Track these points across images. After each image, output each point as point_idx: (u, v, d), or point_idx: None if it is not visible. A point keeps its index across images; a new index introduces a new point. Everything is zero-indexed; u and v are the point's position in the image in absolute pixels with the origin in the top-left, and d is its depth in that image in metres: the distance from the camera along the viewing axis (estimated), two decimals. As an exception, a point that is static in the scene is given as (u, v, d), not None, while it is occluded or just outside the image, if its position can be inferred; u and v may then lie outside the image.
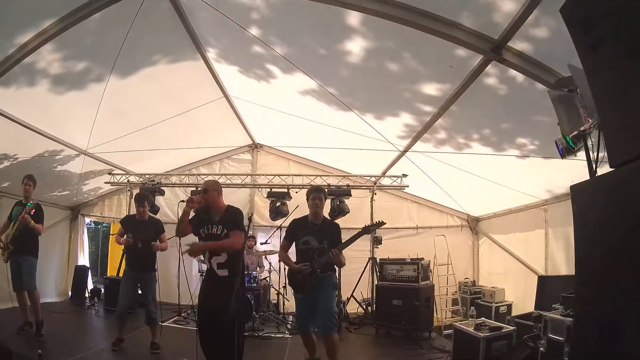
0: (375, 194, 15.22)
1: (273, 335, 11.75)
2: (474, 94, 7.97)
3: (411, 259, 12.52)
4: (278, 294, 14.00)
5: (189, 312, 13.87)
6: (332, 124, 12.06)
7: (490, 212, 15.06)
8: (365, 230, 8.17)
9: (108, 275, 16.94)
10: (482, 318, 9.44)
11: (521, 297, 12.51)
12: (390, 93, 9.59)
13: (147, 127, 12.94)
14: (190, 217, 7.16)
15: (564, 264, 10.98)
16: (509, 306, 12.78)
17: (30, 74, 9.39)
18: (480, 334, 8.09)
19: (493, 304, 12.79)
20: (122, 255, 14.28)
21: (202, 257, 8.20)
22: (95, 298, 15.35)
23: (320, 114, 11.76)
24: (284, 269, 10.35)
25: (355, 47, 8.03)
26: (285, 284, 12.23)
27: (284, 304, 13.82)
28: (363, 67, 8.69)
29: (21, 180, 10.30)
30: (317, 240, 7.98)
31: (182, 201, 7.20)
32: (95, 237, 20.52)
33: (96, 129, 12.32)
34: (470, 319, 9.07)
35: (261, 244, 14.75)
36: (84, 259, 17.63)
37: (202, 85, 11.99)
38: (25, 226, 9.70)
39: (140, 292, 10.05)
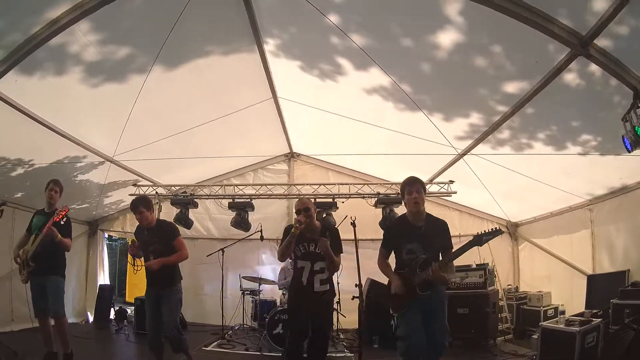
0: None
1: (334, 355, 10.18)
2: (551, 92, 7.25)
3: (477, 265, 11.55)
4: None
5: (230, 333, 12.11)
6: (389, 127, 10.56)
7: (529, 217, 13.78)
8: (478, 239, 5.79)
9: (127, 296, 15.65)
10: (566, 316, 8.84)
11: (569, 299, 11.52)
12: (467, 91, 8.54)
13: (182, 131, 11.07)
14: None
15: (608, 263, 10.22)
16: (556, 309, 11.60)
17: (60, 58, 7.54)
18: (575, 328, 7.47)
19: (541, 307, 11.55)
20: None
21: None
22: (125, 321, 13.19)
23: (379, 116, 10.33)
24: (337, 283, 9.08)
25: (446, 39, 7.05)
26: (338, 298, 10.50)
27: (338, 319, 11.87)
28: (447, 62, 7.59)
29: (37, 190, 8.79)
30: (423, 247, 6.01)
31: (289, 227, 6.68)
32: (111, 253, 17.70)
33: (126, 132, 10.36)
34: (560, 317, 8.67)
35: None
36: (104, 278, 15.37)
37: (250, 84, 10.25)
38: (51, 240, 7.63)
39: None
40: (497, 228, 5.95)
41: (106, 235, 16.11)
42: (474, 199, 14.06)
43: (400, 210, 11.10)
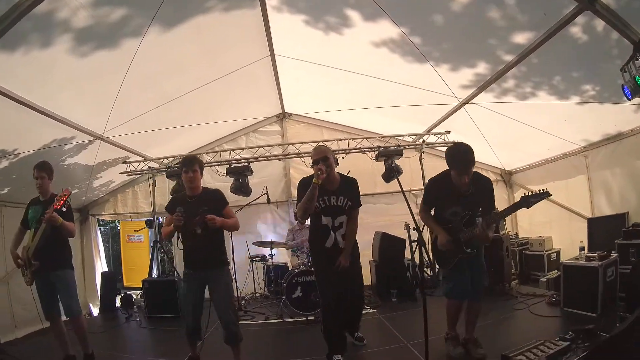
0: (424, 152, 13.05)
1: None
2: (556, 43, 7.15)
3: None
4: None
5: (243, 303, 11.29)
6: (392, 80, 10.00)
7: (524, 165, 13.69)
8: (524, 201, 5.57)
9: (124, 281, 14.58)
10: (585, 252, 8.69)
11: (569, 243, 11.44)
12: (476, 42, 8.17)
13: (175, 98, 10.06)
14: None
15: (606, 206, 10.33)
16: (558, 253, 11.86)
17: (47, 28, 6.51)
18: (596, 263, 7.56)
19: (544, 252, 11.79)
20: (152, 257, 12.29)
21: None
22: (135, 307, 11.99)
23: (382, 70, 9.75)
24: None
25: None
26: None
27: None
28: (461, 14, 7.26)
29: (24, 182, 7.68)
30: (467, 209, 5.90)
31: (305, 180, 6.21)
32: (103, 239, 16.44)
33: (117, 105, 9.27)
34: (580, 252, 8.65)
35: None
36: (102, 265, 13.98)
37: (247, 43, 9.54)
38: (52, 230, 6.42)
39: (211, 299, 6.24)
40: (545, 190, 5.61)
41: (98, 221, 14.64)
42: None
43: (401, 162, 12.31)
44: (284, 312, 9.64)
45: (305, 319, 8.99)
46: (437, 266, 7.09)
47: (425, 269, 10.36)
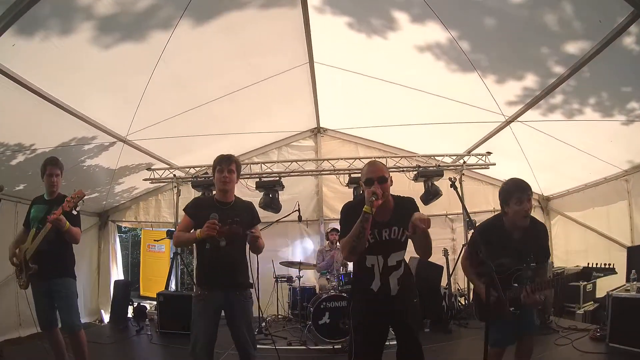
0: (464, 174, 12.09)
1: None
2: (609, 54, 6.59)
3: None
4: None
5: (264, 325, 10.12)
6: (434, 92, 9.39)
7: (563, 190, 12.81)
8: (587, 274, 5.81)
9: (141, 290, 13.82)
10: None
11: None
12: (527, 50, 7.54)
13: (204, 103, 9.41)
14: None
15: None
16: (594, 284, 10.53)
17: (67, 13, 5.99)
18: None
19: (580, 283, 10.27)
20: (171, 268, 11.44)
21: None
22: (147, 320, 11.19)
23: (424, 81, 9.16)
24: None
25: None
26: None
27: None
28: (514, 17, 6.77)
29: (40, 180, 6.19)
30: (517, 260, 4.79)
31: (351, 204, 4.61)
32: (123, 246, 16.06)
33: (142, 106, 8.62)
34: (632, 283, 7.86)
35: None
36: (118, 273, 13.44)
37: (286, 45, 8.86)
38: (56, 233, 5.59)
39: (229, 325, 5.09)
40: (612, 266, 5.30)
41: (117, 227, 14.11)
42: (507, 172, 11.96)
43: (440, 183, 11.29)
44: (308, 338, 8.82)
45: (332, 347, 8.25)
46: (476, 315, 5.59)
47: (459, 297, 11.07)
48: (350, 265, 8.43)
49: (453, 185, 4.80)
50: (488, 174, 12.87)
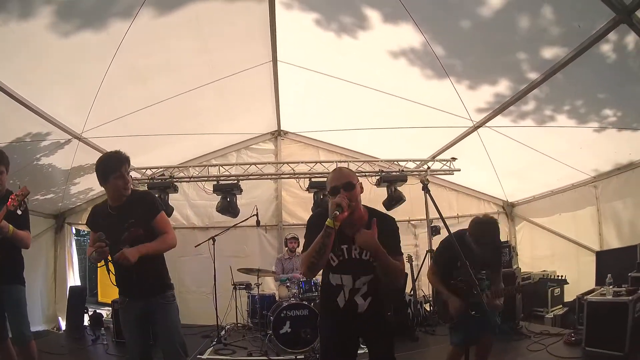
0: (428, 180, 11.12)
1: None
2: (585, 61, 6.75)
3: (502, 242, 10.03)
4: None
5: (223, 334, 9.93)
6: (406, 97, 9.29)
7: (528, 196, 13.14)
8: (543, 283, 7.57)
9: (99, 295, 13.41)
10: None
11: (575, 277, 10.37)
12: (501, 55, 7.65)
13: (163, 100, 8.98)
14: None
15: (615, 239, 9.97)
16: (562, 288, 10.88)
17: None
18: (626, 298, 7.08)
19: (548, 287, 10.56)
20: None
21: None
22: (102, 329, 10.31)
23: (398, 84, 9.00)
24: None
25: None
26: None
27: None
28: (489, 21, 6.69)
29: None
30: (477, 268, 5.33)
31: (316, 216, 4.18)
32: (80, 250, 15.41)
33: (98, 101, 8.10)
34: (608, 287, 7.69)
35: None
36: (74, 278, 12.62)
37: (250, 42, 8.56)
38: (3, 237, 4.92)
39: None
40: (564, 277, 7.23)
41: (74, 230, 13.40)
42: (472, 178, 13.06)
43: (404, 189, 11.27)
44: (269, 348, 8.57)
45: (294, 357, 8.10)
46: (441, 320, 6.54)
47: (424, 304, 11.03)
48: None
49: (425, 188, 4.85)
50: (452, 179, 12.81)
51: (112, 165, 4.53)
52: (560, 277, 9.23)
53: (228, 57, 8.79)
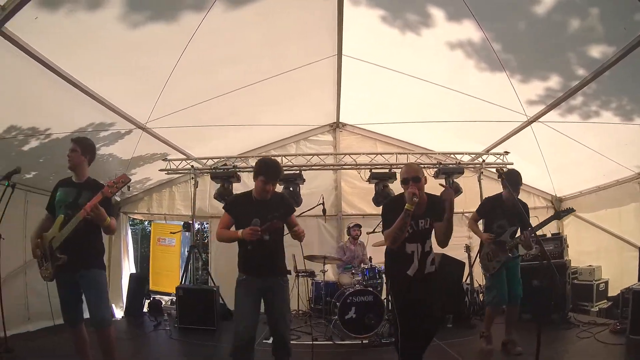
0: (503, 170, 10.49)
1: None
2: (633, 60, 6.56)
3: (552, 234, 11.25)
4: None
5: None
6: (460, 90, 9.19)
7: (575, 191, 12.73)
8: (557, 215, 7.39)
9: (150, 284, 12.75)
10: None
11: (618, 273, 10.83)
12: (554, 53, 7.54)
13: (228, 92, 8.93)
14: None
15: None
16: (606, 283, 10.93)
17: None
18: None
19: (593, 281, 10.73)
20: (187, 263, 11.23)
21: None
22: (166, 314, 10.79)
23: (453, 79, 8.98)
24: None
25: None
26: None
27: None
28: (544, 20, 6.69)
29: (52, 169, 7.11)
30: (510, 223, 6.93)
31: (391, 202, 5.50)
32: (134, 238, 15.71)
33: (166, 91, 8.06)
34: None
35: (368, 233, 10.69)
36: (129, 266, 12.72)
37: (316, 36, 8.49)
38: (88, 222, 4.98)
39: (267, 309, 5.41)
40: (571, 207, 7.40)
41: (130, 219, 13.55)
42: (522, 172, 12.32)
43: (461, 180, 11.28)
44: (334, 333, 8.58)
45: (360, 342, 8.04)
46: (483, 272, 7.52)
47: (480, 293, 10.89)
48: (374, 261, 10.03)
49: (501, 176, 6.14)
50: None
51: (278, 173, 5.36)
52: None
53: (294, 51, 8.67)
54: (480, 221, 7.48)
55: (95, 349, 5.37)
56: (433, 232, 5.19)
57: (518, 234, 7.00)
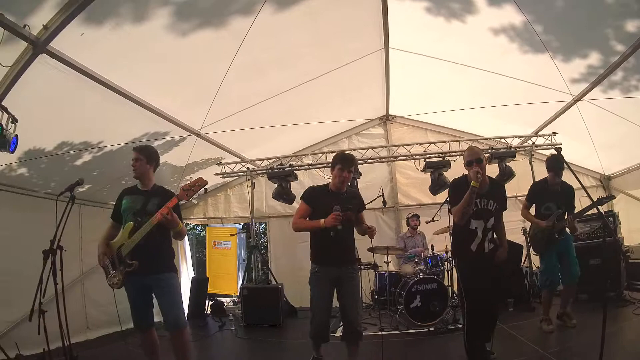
0: (561, 148, 10.45)
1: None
2: None
3: (605, 212, 10.66)
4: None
5: None
6: (506, 73, 9.03)
7: (623, 168, 12.33)
8: (598, 202, 7.12)
9: (208, 288, 12.43)
10: None
11: None
12: (591, 29, 7.43)
13: (280, 93, 8.94)
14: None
15: None
16: None
17: None
18: None
19: None
20: (248, 263, 11.58)
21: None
22: (231, 314, 10.73)
23: (498, 61, 8.75)
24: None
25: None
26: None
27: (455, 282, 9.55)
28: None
29: (105, 181, 7.48)
30: (557, 206, 7.30)
31: (459, 181, 5.82)
32: (190, 243, 15.76)
33: (218, 96, 8.09)
34: None
35: (427, 222, 10.66)
36: (187, 270, 12.95)
37: (362, 32, 8.45)
38: (159, 228, 5.09)
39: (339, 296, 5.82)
40: (612, 194, 8.22)
41: (186, 224, 13.50)
42: (570, 151, 11.62)
43: (513, 164, 11.09)
44: (400, 323, 8.62)
45: (426, 330, 8.10)
46: (533, 253, 8.34)
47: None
48: (435, 249, 10.28)
49: (559, 155, 6.39)
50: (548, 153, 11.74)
51: (352, 161, 5.79)
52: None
53: (341, 48, 8.64)
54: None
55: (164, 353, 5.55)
56: (493, 214, 5.62)
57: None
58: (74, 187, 5.41)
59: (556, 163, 7.29)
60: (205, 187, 5.48)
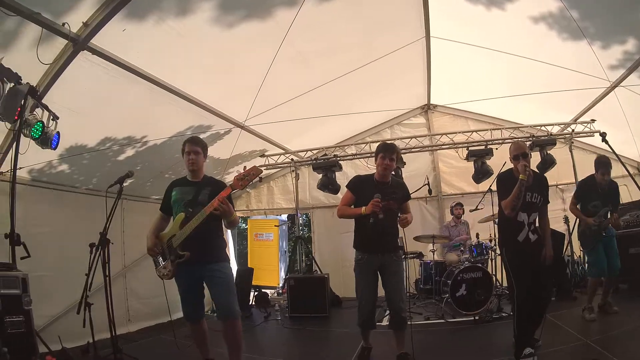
0: (605, 133, 10.29)
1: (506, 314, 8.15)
2: None
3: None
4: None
5: None
6: (545, 60, 8.94)
7: None
8: None
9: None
10: None
11: None
12: (626, 14, 7.26)
13: (323, 84, 8.96)
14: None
15: None
16: None
17: None
18: None
19: None
20: (292, 254, 11.63)
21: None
22: (277, 305, 10.49)
23: (537, 49, 8.71)
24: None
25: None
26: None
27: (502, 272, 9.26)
28: None
29: (149, 175, 7.46)
30: (603, 203, 7.35)
31: (505, 175, 5.95)
32: (232, 234, 15.74)
33: (263, 88, 8.10)
34: None
35: (470, 210, 10.67)
36: (231, 262, 12.34)
37: (404, 21, 8.45)
38: (212, 218, 5.01)
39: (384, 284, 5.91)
40: None
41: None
42: (610, 138, 12.02)
43: (554, 151, 10.93)
44: (445, 312, 8.55)
45: (472, 318, 7.99)
46: (581, 249, 8.36)
47: (581, 265, 10.60)
48: (480, 238, 10.04)
49: (604, 140, 6.58)
50: (591, 142, 11.92)
51: (394, 148, 5.87)
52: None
53: (383, 38, 8.61)
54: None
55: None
56: (538, 207, 5.75)
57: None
58: (123, 180, 5.59)
59: (604, 164, 7.39)
60: (258, 175, 5.17)
